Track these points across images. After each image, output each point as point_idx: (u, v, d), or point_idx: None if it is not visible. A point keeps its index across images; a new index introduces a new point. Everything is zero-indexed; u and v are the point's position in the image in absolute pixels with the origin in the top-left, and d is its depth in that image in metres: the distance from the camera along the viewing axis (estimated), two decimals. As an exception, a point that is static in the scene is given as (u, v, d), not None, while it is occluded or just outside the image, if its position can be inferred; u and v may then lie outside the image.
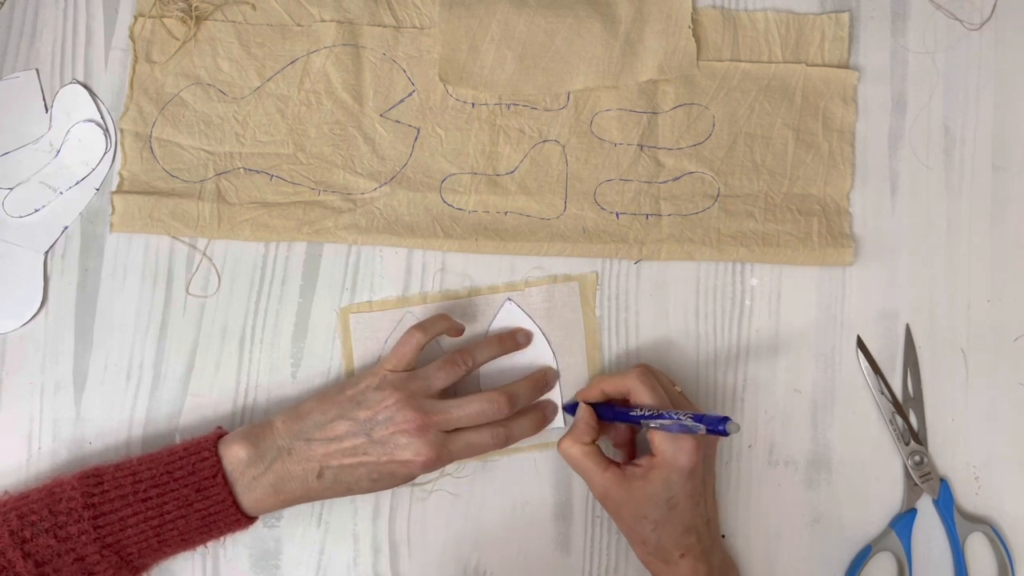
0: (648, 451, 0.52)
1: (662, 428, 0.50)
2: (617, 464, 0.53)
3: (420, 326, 0.55)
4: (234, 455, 0.51)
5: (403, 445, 0.51)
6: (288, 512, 0.56)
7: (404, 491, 0.57)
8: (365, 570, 0.56)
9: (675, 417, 0.49)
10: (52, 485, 0.50)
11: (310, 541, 0.57)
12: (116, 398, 0.57)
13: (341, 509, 0.57)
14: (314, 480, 0.51)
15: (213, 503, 0.50)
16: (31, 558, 0.48)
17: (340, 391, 0.54)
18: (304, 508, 0.56)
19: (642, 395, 0.52)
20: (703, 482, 0.52)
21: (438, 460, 0.52)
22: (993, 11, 0.63)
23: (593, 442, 0.53)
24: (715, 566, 0.52)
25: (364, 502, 0.57)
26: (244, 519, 0.51)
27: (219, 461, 0.50)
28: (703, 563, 0.51)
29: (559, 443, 0.54)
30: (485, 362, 0.57)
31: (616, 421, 0.54)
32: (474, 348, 0.56)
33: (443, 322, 0.56)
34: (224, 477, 0.50)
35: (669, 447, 0.50)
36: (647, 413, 0.51)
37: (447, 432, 0.52)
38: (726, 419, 0.47)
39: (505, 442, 0.54)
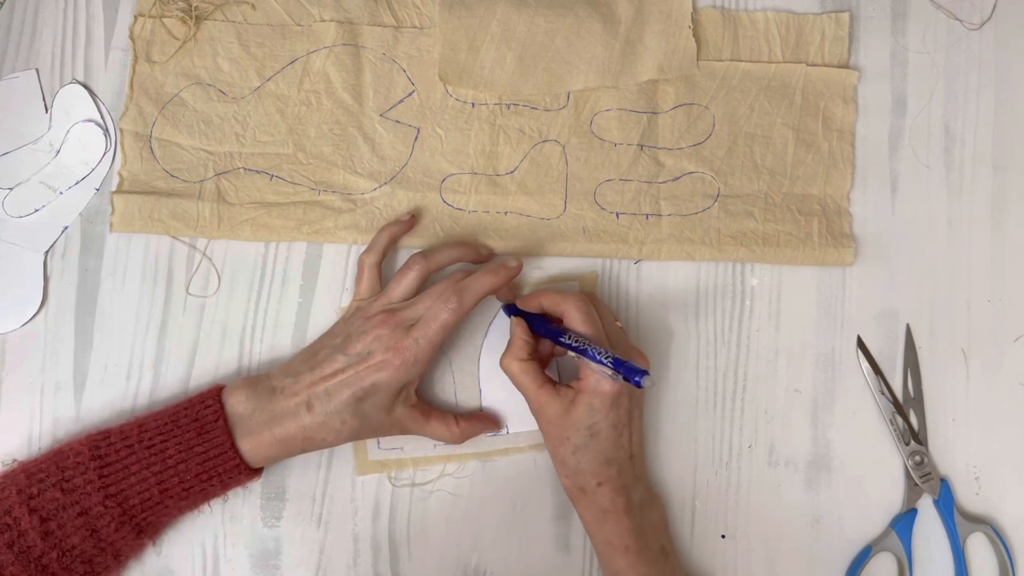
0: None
1: (583, 362, 0.50)
2: (552, 382, 0.52)
3: (366, 250, 0.56)
4: (235, 399, 0.52)
5: (374, 349, 0.51)
6: (288, 512, 0.56)
7: (404, 491, 0.57)
8: (365, 570, 0.56)
9: (597, 357, 0.49)
10: (61, 446, 0.51)
11: (310, 541, 0.57)
12: (116, 398, 0.57)
13: (341, 509, 0.57)
14: (306, 415, 0.51)
15: (212, 446, 0.50)
16: (36, 514, 0.48)
17: (321, 336, 0.55)
18: (304, 508, 0.56)
19: (575, 322, 0.51)
20: (628, 414, 0.52)
21: (407, 356, 0.50)
22: (993, 11, 0.63)
23: (530, 356, 0.53)
24: (634, 501, 0.52)
25: (364, 502, 0.57)
26: (244, 466, 0.51)
27: (222, 408, 0.51)
28: (621, 496, 0.51)
29: (500, 359, 0.53)
30: (443, 265, 0.55)
31: (546, 338, 0.53)
32: (427, 250, 0.56)
33: (384, 233, 0.57)
34: (225, 421, 0.51)
35: (594, 374, 0.50)
36: (575, 343, 0.50)
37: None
38: (644, 372, 0.47)
39: (459, 302, 0.51)
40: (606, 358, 0.49)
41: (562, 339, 0.51)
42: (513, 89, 0.61)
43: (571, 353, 0.51)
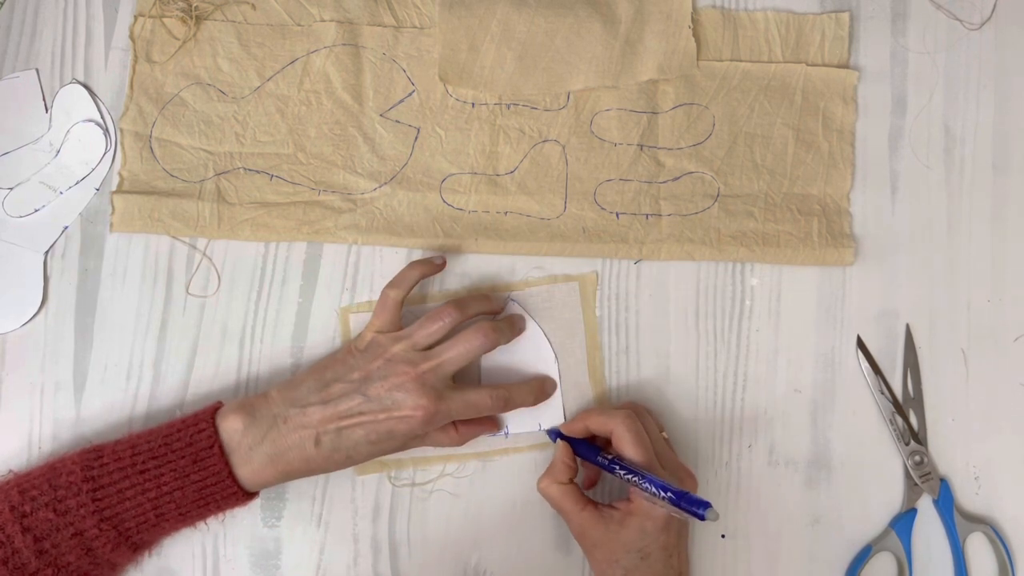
0: (626, 494, 0.52)
1: (640, 490, 0.49)
2: (595, 504, 0.52)
3: (392, 283, 0.55)
4: (230, 426, 0.50)
5: (400, 400, 0.50)
6: (288, 512, 0.56)
7: (404, 491, 0.57)
8: (365, 570, 0.56)
9: (653, 490, 0.48)
10: (54, 461, 0.50)
11: (310, 541, 0.57)
12: (116, 398, 0.57)
13: (341, 509, 0.57)
14: (312, 448, 0.50)
15: (209, 474, 0.49)
16: (30, 532, 0.48)
17: (331, 358, 0.54)
18: (304, 508, 0.56)
19: (626, 446, 0.51)
20: (678, 536, 0.51)
21: (436, 414, 0.51)
22: (993, 11, 0.63)
23: (571, 480, 0.53)
24: None
25: (364, 502, 0.57)
26: (241, 493, 0.51)
27: (216, 432, 0.50)
28: None
29: (538, 482, 0.53)
30: (472, 316, 0.55)
31: (594, 465, 0.53)
32: (459, 300, 0.55)
33: (414, 271, 0.55)
34: (221, 448, 0.50)
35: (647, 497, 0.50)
36: (627, 470, 0.50)
37: (445, 389, 0.52)
38: (707, 504, 0.46)
39: (504, 405, 0.54)
40: (664, 492, 0.48)
41: (614, 467, 0.51)
42: (513, 89, 0.61)
43: (628, 479, 0.50)
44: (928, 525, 0.58)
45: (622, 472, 0.50)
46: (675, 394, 0.59)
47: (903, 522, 0.57)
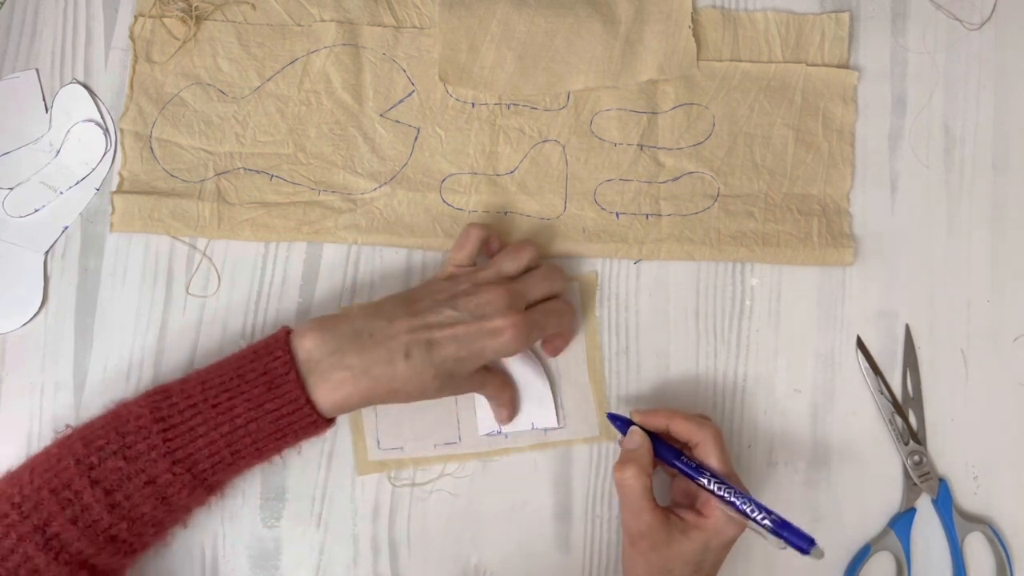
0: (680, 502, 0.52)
1: (730, 507, 0.49)
2: (664, 507, 0.50)
3: (478, 224, 0.55)
4: (307, 344, 0.48)
5: (490, 312, 0.49)
6: (288, 512, 0.57)
7: (404, 491, 0.57)
8: (365, 570, 0.56)
9: (752, 509, 0.48)
10: (118, 408, 0.48)
11: (310, 541, 0.57)
12: (116, 398, 0.57)
13: (341, 509, 0.57)
14: (401, 361, 0.47)
15: (285, 402, 0.47)
16: (99, 485, 0.45)
17: (411, 289, 0.53)
18: (304, 508, 0.56)
19: (711, 456, 0.50)
20: (727, 554, 0.51)
21: (527, 326, 0.50)
22: (993, 11, 0.63)
23: (650, 475, 0.50)
24: None
25: (364, 502, 0.57)
26: (319, 418, 0.48)
27: (292, 357, 0.47)
28: None
29: (620, 468, 0.50)
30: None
31: (670, 466, 0.52)
32: (537, 246, 0.56)
33: (496, 237, 0.56)
34: (297, 372, 0.47)
35: (723, 515, 0.49)
36: (720, 482, 0.49)
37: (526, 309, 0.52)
38: (812, 540, 0.47)
39: (572, 309, 0.56)
40: (768, 515, 0.48)
41: (701, 474, 0.50)
42: (513, 89, 0.61)
43: (709, 489, 0.49)
44: (927, 525, 0.58)
45: (713, 483, 0.49)
46: (675, 394, 0.59)
47: (902, 522, 0.57)
